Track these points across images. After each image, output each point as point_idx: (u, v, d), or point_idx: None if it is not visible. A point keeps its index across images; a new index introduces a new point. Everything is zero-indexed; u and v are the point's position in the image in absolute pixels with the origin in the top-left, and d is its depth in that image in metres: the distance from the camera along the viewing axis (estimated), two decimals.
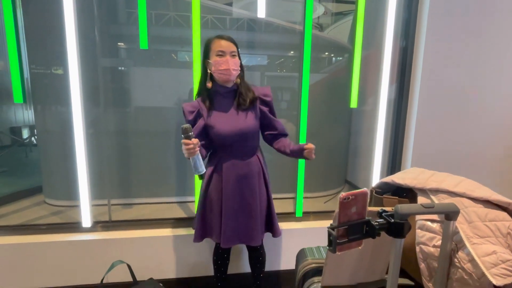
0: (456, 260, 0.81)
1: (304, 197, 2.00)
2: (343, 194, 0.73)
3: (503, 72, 1.89)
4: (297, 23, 2.20)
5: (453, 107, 1.89)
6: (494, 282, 0.71)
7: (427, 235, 0.89)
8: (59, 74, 1.99)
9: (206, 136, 1.40)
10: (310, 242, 1.71)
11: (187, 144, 1.19)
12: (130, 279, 1.59)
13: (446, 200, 0.89)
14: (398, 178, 1.05)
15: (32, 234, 1.71)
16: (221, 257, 1.58)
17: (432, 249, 0.87)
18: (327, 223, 1.98)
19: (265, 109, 1.45)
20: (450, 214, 0.79)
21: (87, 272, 1.69)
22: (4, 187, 2.41)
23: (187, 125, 1.20)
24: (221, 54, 1.32)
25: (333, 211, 2.19)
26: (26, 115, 3.78)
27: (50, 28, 1.91)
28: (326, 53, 2.44)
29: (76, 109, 1.64)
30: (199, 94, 1.45)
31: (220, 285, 1.63)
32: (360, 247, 0.78)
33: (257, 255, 1.59)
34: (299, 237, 1.89)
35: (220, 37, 1.35)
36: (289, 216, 2.00)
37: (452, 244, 0.82)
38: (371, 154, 2.03)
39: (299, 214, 1.99)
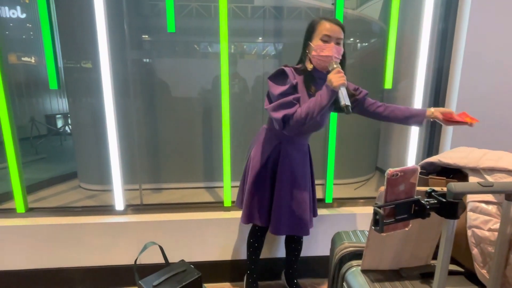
0: None
1: (334, 184, 1.94)
2: (390, 170, 0.67)
3: None
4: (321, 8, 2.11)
5: (499, 91, 1.73)
6: None
7: (481, 218, 0.81)
8: (90, 68, 2.07)
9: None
10: (340, 229, 1.65)
11: (340, 72, 1.10)
12: (162, 260, 1.62)
13: (505, 179, 0.81)
14: (446, 157, 0.97)
15: (68, 216, 1.77)
16: (259, 240, 1.56)
17: (487, 233, 0.79)
18: (357, 209, 1.94)
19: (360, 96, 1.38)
20: (511, 194, 0.71)
21: (120, 253, 1.74)
22: (42, 173, 2.54)
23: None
24: (327, 39, 1.19)
25: (363, 198, 2.12)
26: (60, 103, 3.96)
27: (81, 24, 1.97)
28: (358, 33, 2.32)
29: (108, 99, 1.69)
30: (295, 68, 1.30)
31: (253, 268, 1.62)
32: (407, 229, 0.72)
33: (297, 242, 1.59)
34: (329, 223, 1.84)
35: (329, 20, 1.21)
36: (319, 202, 1.94)
37: None
38: (405, 140, 1.92)
39: (329, 200, 1.94)
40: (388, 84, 1.92)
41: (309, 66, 1.26)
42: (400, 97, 2.33)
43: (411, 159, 1.91)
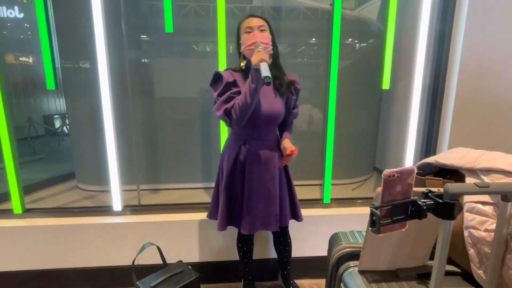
0: None
1: (332, 184, 1.94)
2: (387, 171, 0.67)
3: None
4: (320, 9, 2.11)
5: (496, 92, 1.74)
6: None
7: (477, 219, 0.81)
8: (86, 67, 2.06)
9: None
10: (338, 229, 1.65)
11: (259, 51, 1.17)
12: (160, 261, 1.62)
13: (501, 180, 0.81)
14: (443, 158, 0.97)
15: (66, 217, 1.76)
16: (246, 243, 1.56)
17: (483, 234, 0.80)
18: (355, 210, 1.95)
19: (294, 97, 1.41)
20: (508, 195, 0.71)
21: (118, 253, 1.74)
22: (40, 173, 2.53)
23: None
24: (249, 30, 1.27)
25: (361, 198, 2.12)
26: (57, 103, 3.95)
27: (78, 24, 1.97)
28: (356, 34, 2.32)
29: (105, 99, 1.69)
30: (232, 69, 1.38)
31: (247, 270, 1.62)
32: (404, 229, 0.72)
33: (285, 239, 1.57)
34: (327, 224, 1.84)
35: (249, 15, 1.31)
36: (317, 202, 1.95)
37: (509, 228, 0.75)
38: (403, 140, 1.93)
39: (326, 200, 1.94)
40: (386, 84, 1.93)
41: (242, 63, 1.33)
42: (398, 97, 2.34)
43: (409, 159, 1.92)
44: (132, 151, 2.07)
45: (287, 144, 1.34)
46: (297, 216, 1.50)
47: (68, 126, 3.02)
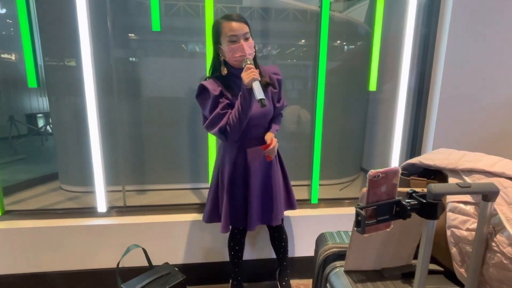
0: (493, 244, 0.75)
1: (320, 184, 1.95)
2: (372, 171, 0.67)
3: None
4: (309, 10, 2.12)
5: (478, 94, 1.79)
6: None
7: (459, 218, 0.83)
8: (72, 66, 2.01)
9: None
10: (326, 229, 1.66)
11: (250, 68, 1.14)
12: (145, 263, 1.59)
13: (482, 180, 0.83)
14: (427, 159, 0.99)
15: (48, 219, 1.71)
16: (239, 242, 1.56)
17: (465, 233, 0.81)
18: (342, 210, 1.96)
19: (275, 90, 1.39)
20: (488, 195, 0.73)
21: (103, 256, 1.70)
22: (21, 174, 2.45)
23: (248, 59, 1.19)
24: (235, 39, 1.21)
25: (348, 199, 2.14)
26: (40, 102, 3.84)
27: (63, 21, 1.91)
28: (344, 36, 2.35)
29: (90, 98, 1.65)
30: (215, 77, 1.35)
31: (237, 271, 1.62)
32: (388, 229, 0.73)
33: (280, 235, 1.59)
34: (314, 224, 1.85)
35: (230, 18, 1.22)
36: (304, 203, 1.96)
37: (489, 227, 0.77)
38: (389, 141, 1.96)
39: (314, 201, 1.95)
40: (372, 86, 1.95)
41: (224, 71, 1.29)
42: (385, 99, 2.37)
43: (395, 160, 1.95)
44: (117, 150, 2.03)
45: (267, 136, 1.36)
46: (292, 204, 1.54)
47: (51, 126, 2.94)
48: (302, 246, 1.86)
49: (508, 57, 1.76)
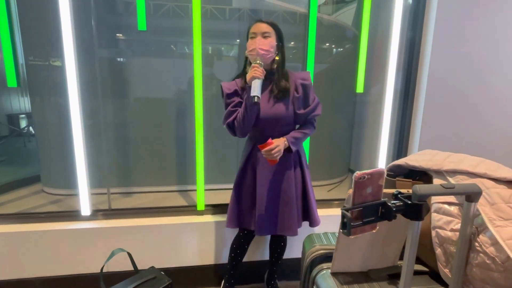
0: (476, 244, 0.76)
1: None
2: (358, 173, 0.67)
3: None
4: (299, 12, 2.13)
5: (462, 96, 1.83)
6: None
7: (444, 219, 0.84)
8: (57, 66, 1.95)
9: None
10: (314, 230, 1.67)
11: (255, 67, 1.20)
12: (131, 267, 1.55)
13: (466, 181, 0.84)
14: (412, 160, 0.99)
15: (30, 223, 1.66)
16: (242, 246, 1.55)
17: (449, 233, 0.82)
18: (331, 211, 1.96)
19: (298, 95, 1.35)
20: (471, 195, 0.74)
21: (87, 261, 1.66)
22: (2, 176, 2.37)
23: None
24: (253, 36, 1.29)
25: (337, 200, 2.14)
26: (22, 102, 3.73)
27: (45, 19, 1.86)
28: (333, 39, 2.36)
29: (73, 98, 1.61)
30: (238, 76, 1.42)
31: (232, 273, 1.60)
32: (374, 231, 0.73)
33: (279, 242, 1.59)
34: (303, 225, 1.84)
35: (258, 20, 1.32)
36: None
37: (473, 228, 0.77)
38: (376, 142, 1.98)
39: None
40: (360, 88, 1.97)
41: (247, 68, 1.34)
42: (372, 101, 2.40)
43: (382, 161, 1.97)
44: (102, 152, 1.98)
45: (276, 139, 1.32)
46: (311, 219, 1.49)
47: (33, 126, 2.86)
48: (290, 248, 1.85)
49: (492, 58, 1.80)
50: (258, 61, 1.22)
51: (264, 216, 1.39)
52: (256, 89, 1.15)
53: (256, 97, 1.12)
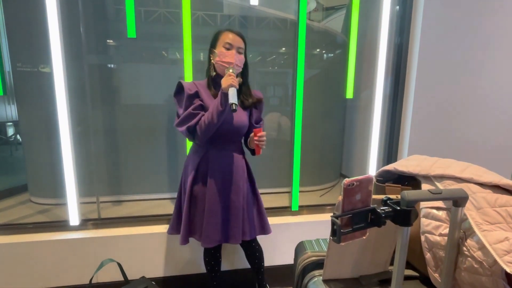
0: (464, 248, 0.77)
1: (300, 191, 1.96)
2: (347, 180, 0.68)
3: (503, 64, 1.87)
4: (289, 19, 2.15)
5: (450, 101, 1.87)
6: (508, 270, 0.67)
7: (432, 224, 0.85)
8: (46, 72, 1.92)
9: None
10: (307, 236, 1.66)
11: (231, 75, 1.20)
12: (121, 278, 1.52)
13: (453, 186, 0.85)
14: (401, 165, 1.01)
15: (17, 234, 1.63)
16: (213, 257, 1.52)
17: (438, 238, 0.83)
18: (323, 216, 1.97)
19: (256, 113, 1.45)
20: (458, 200, 0.75)
21: (75, 272, 1.62)
22: None
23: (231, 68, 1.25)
24: (229, 47, 1.29)
25: (329, 205, 2.15)
26: (9, 110, 3.66)
27: (32, 25, 1.84)
28: (323, 45, 2.39)
29: (62, 106, 1.59)
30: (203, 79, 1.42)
31: (215, 284, 1.58)
32: (364, 237, 0.73)
33: (252, 252, 1.54)
34: (295, 231, 1.85)
35: (231, 30, 1.32)
36: (285, 210, 1.95)
37: (460, 232, 0.78)
38: (367, 147, 2.01)
39: (295, 208, 1.95)
40: (349, 94, 1.99)
41: (212, 73, 1.35)
42: (362, 106, 2.43)
43: (372, 166, 1.99)
44: (91, 160, 1.95)
45: (255, 129, 1.33)
46: (264, 230, 1.49)
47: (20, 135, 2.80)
48: (283, 254, 1.85)
49: (478, 62, 1.85)
50: (231, 70, 1.24)
51: (212, 226, 1.35)
52: (234, 96, 1.17)
53: (234, 105, 1.15)
